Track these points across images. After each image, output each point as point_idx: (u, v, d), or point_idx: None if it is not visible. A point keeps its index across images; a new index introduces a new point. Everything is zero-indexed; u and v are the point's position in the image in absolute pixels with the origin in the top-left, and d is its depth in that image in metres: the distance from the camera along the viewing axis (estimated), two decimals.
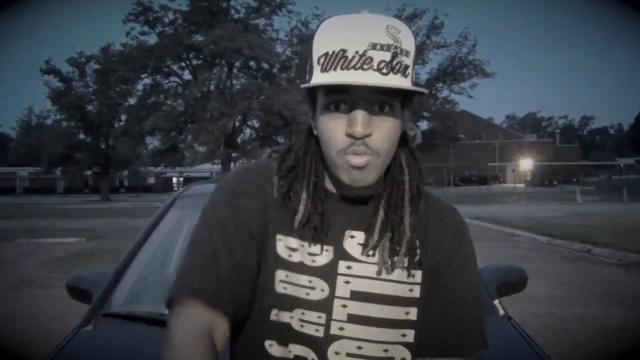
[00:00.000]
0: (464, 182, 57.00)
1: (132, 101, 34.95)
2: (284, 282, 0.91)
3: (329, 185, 0.94)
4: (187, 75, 33.23)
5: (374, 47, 0.81)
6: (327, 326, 0.89)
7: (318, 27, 0.86)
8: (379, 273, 0.91)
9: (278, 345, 0.91)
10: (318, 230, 0.90)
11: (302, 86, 0.86)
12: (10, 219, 18.82)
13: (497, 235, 13.06)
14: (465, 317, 0.96)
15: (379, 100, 0.84)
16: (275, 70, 32.57)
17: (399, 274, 0.92)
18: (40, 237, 12.89)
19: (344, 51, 0.81)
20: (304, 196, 0.90)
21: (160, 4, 31.42)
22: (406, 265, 0.92)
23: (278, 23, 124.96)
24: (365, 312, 0.90)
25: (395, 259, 0.91)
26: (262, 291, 0.91)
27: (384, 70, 0.81)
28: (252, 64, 32.27)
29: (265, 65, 32.30)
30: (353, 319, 0.89)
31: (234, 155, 31.05)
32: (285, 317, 0.90)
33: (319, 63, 0.84)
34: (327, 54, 0.82)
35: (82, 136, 41.78)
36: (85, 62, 38.25)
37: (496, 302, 1.96)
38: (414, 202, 0.92)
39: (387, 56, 0.81)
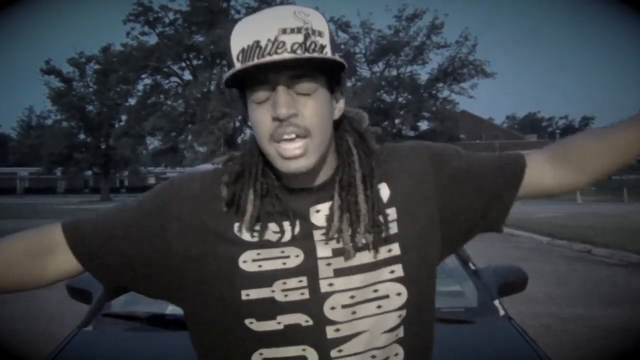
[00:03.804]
0: None
1: (132, 101, 34.97)
2: (257, 261, 0.91)
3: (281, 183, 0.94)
4: (187, 75, 33.26)
5: (283, 31, 0.83)
6: (315, 286, 0.90)
7: (232, 30, 0.89)
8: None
9: (259, 322, 0.91)
10: (271, 228, 0.91)
11: (223, 79, 0.88)
12: (10, 219, 18.82)
13: (497, 235, 13.01)
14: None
15: (300, 83, 0.85)
16: None
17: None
18: None
19: (257, 42, 0.83)
20: (251, 196, 0.92)
21: (160, 4, 31.47)
22: (372, 242, 0.92)
23: None
24: (349, 263, 0.91)
25: (356, 237, 0.91)
26: (224, 275, 0.92)
27: (298, 51, 0.83)
28: None
29: None
30: (339, 272, 0.91)
31: None
32: (265, 292, 0.90)
33: (238, 60, 0.85)
34: (243, 50, 0.85)
35: (82, 136, 41.75)
36: (85, 62, 38.28)
37: (496, 302, 1.96)
38: (367, 179, 0.93)
39: (299, 38, 0.83)
